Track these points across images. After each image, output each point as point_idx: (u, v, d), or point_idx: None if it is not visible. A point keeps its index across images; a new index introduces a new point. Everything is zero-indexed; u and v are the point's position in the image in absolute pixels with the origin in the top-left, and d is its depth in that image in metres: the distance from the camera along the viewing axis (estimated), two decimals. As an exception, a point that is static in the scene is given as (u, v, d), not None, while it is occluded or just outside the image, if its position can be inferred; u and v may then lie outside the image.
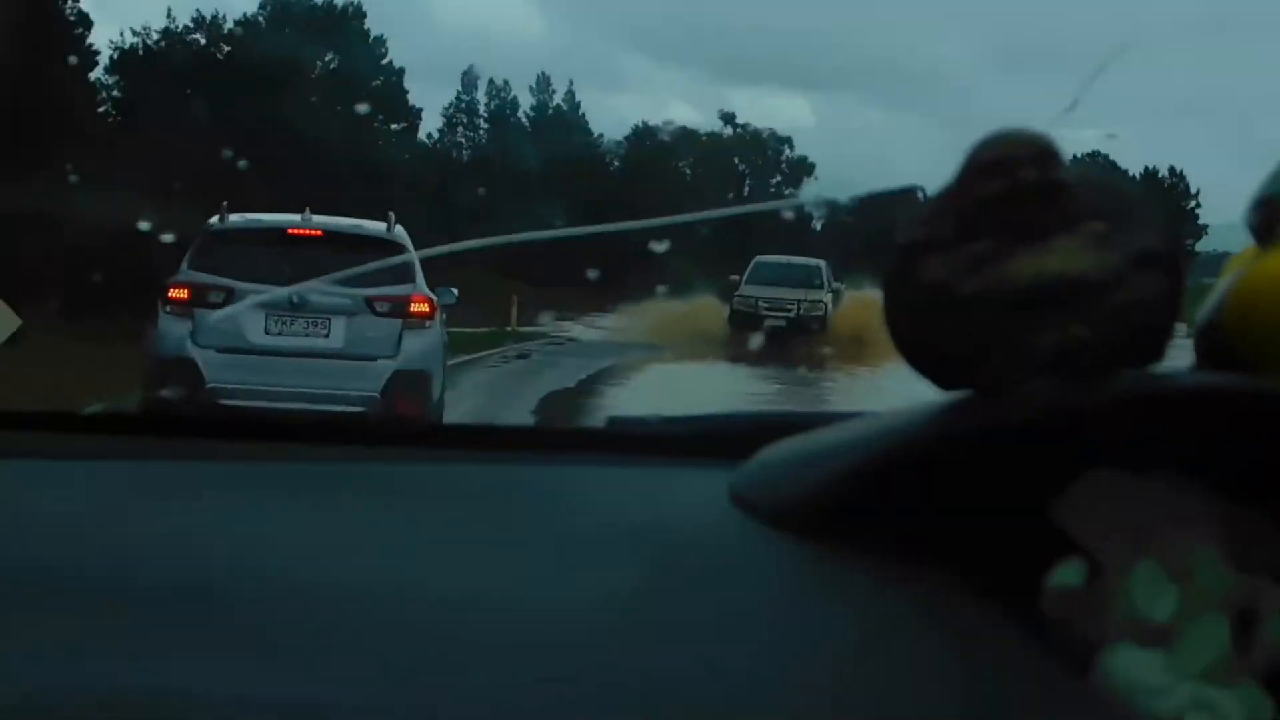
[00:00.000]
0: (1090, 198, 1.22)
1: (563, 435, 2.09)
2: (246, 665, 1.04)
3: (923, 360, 1.25)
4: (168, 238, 16.56)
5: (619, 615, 1.14)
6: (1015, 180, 1.21)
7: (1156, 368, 1.23)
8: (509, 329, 36.81)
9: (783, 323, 36.25)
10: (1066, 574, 1.20)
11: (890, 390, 1.23)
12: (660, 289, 36.30)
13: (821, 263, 40.09)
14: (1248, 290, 1.27)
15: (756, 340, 33.72)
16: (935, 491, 1.23)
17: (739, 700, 1.04)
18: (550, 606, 1.16)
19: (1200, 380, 1.27)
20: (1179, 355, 1.28)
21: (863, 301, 34.99)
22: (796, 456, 1.34)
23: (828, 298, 38.04)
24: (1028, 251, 1.20)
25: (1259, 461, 1.23)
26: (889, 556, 1.21)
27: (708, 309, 39.20)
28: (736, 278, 39.60)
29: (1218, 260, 1.34)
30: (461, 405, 19.40)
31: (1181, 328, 1.26)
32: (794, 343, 33.81)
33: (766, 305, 37.46)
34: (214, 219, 15.39)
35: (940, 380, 1.26)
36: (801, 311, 37.38)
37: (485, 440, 1.87)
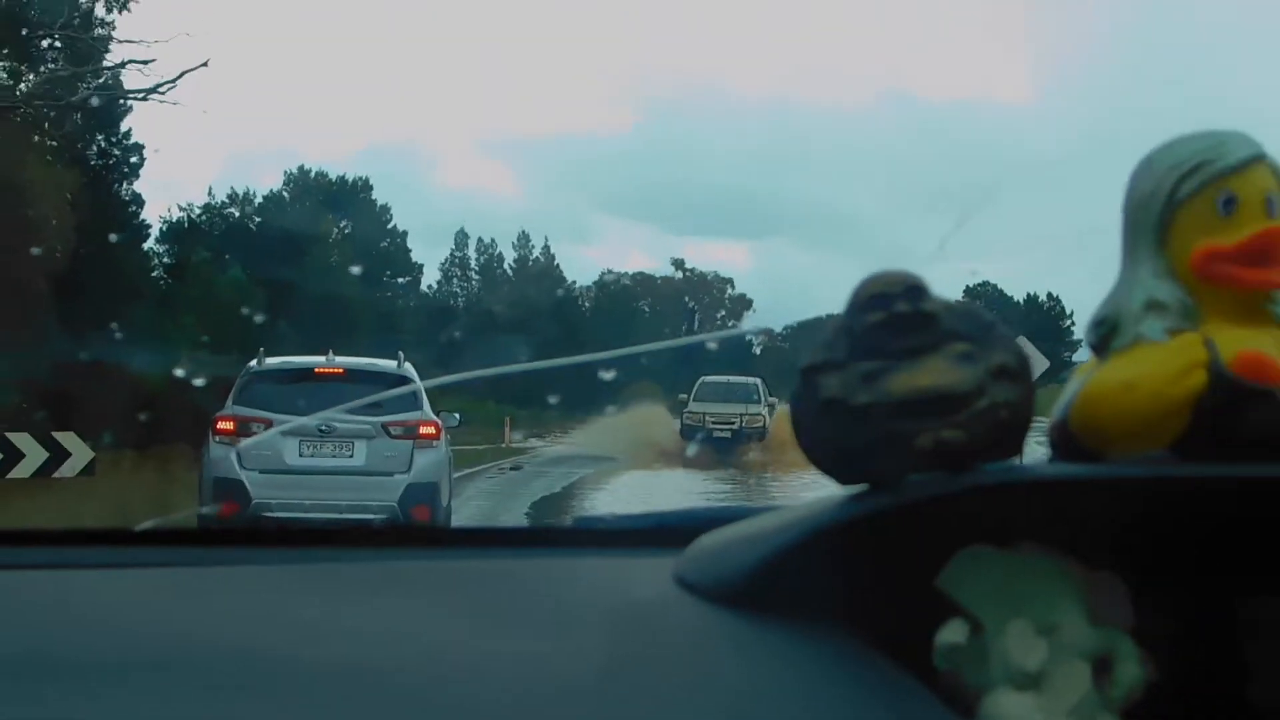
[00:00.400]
0: (953, 322, 1.23)
1: (540, 533, 2.07)
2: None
3: (824, 460, 1.26)
4: (199, 382, 16.58)
5: (586, 682, 1.14)
6: (891, 311, 1.23)
7: (1016, 460, 1.25)
8: (503, 445, 36.53)
9: (728, 434, 35.91)
10: (951, 633, 1.21)
11: (820, 485, 1.21)
12: (610, 408, 36.14)
13: (758, 381, 39.58)
14: (1087, 396, 1.29)
15: (707, 450, 33.17)
16: (842, 567, 1.24)
17: None
18: (532, 674, 1.16)
19: (1053, 469, 1.28)
20: (1035, 450, 1.30)
21: None
22: (726, 544, 1.34)
23: (765, 411, 37.37)
24: (905, 369, 1.21)
25: (1107, 534, 1.25)
26: (809, 623, 1.21)
27: (655, 417, 38.77)
28: (684, 396, 38.88)
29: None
30: (466, 509, 19.23)
31: (1039, 423, 1.30)
32: (738, 450, 33.64)
33: (713, 419, 36.88)
34: (253, 362, 15.57)
35: (839, 477, 1.26)
36: (744, 424, 36.90)
37: (477, 539, 1.89)
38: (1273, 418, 1.26)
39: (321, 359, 15.57)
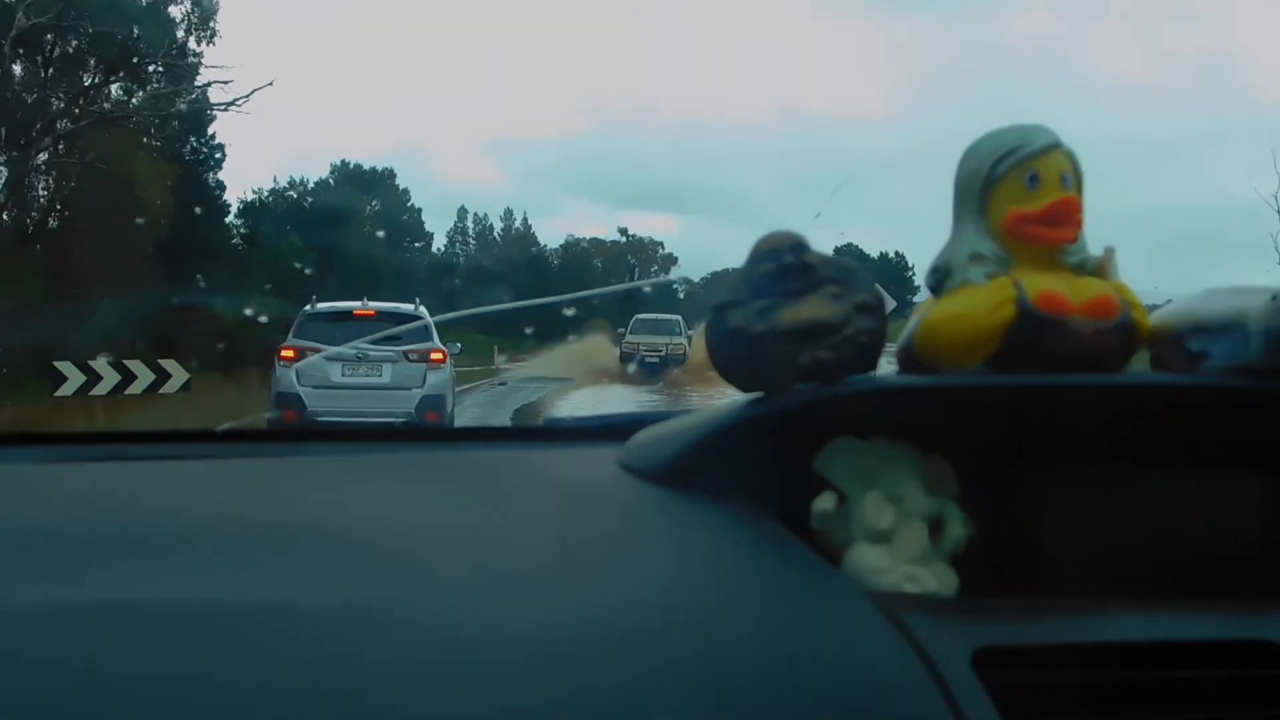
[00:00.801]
0: (827, 270, 1.22)
1: (515, 431, 2.06)
2: (337, 575, 1.04)
3: (731, 374, 1.25)
4: (265, 321, 16.81)
5: (544, 547, 1.12)
6: (780, 262, 1.22)
7: (873, 374, 1.25)
8: (493, 367, 36.53)
9: (656, 359, 34.72)
10: (823, 501, 1.21)
11: (727, 395, 1.22)
12: (570, 338, 34.25)
13: (679, 318, 38.75)
14: (925, 326, 1.29)
15: (638, 371, 33.14)
16: (746, 453, 1.23)
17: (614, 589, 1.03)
18: (500, 541, 1.14)
19: (900, 380, 1.28)
20: (886, 366, 1.30)
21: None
22: (659, 437, 1.33)
23: (685, 341, 36.14)
24: (791, 305, 1.20)
25: (939, 427, 1.24)
26: (720, 496, 1.21)
27: (601, 345, 37.13)
28: (622, 330, 38.45)
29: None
30: (466, 415, 19.28)
31: (890, 347, 1.29)
32: (663, 372, 33.03)
33: (645, 348, 35.64)
34: (307, 306, 15.85)
35: (743, 387, 1.26)
36: (669, 352, 35.38)
37: (467, 436, 1.87)
38: (1064, 341, 1.27)
39: (358, 303, 15.96)
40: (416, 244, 68.87)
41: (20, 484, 1.36)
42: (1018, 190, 1.29)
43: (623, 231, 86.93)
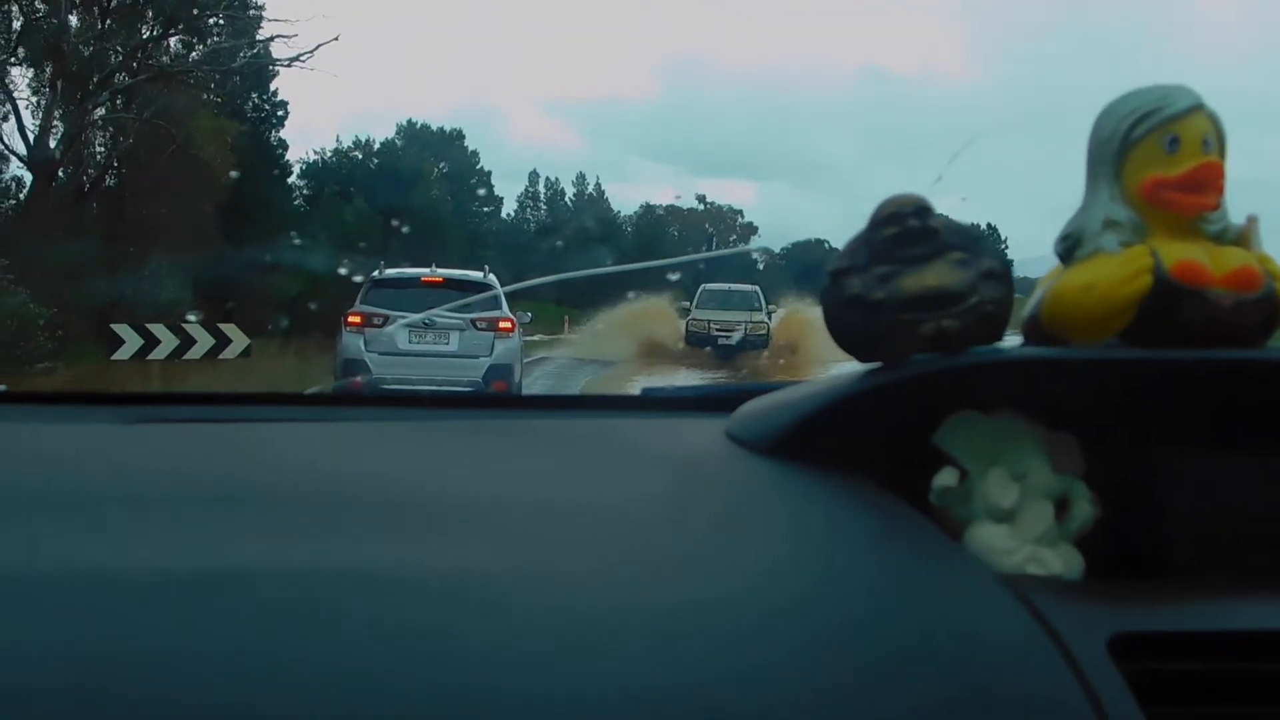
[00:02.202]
0: (952, 235, 1.22)
1: (609, 399, 2.03)
2: (440, 544, 1.05)
3: (849, 343, 1.25)
4: (343, 271, 17.13)
5: (649, 520, 1.13)
6: (904, 225, 1.22)
7: (997, 345, 1.24)
8: (563, 336, 36.41)
9: (732, 341, 29.94)
10: (944, 478, 1.21)
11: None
12: (622, 303, 30.94)
13: (757, 288, 32.75)
14: (1054, 295, 1.28)
15: (704, 353, 28.81)
16: (863, 426, 1.23)
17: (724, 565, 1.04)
18: (604, 512, 1.14)
19: (1027, 351, 1.28)
20: (1011, 339, 1.29)
21: (796, 318, 28.73)
22: (769, 407, 1.33)
23: (769, 319, 31.18)
24: (914, 272, 1.20)
25: (1067, 402, 1.24)
26: (837, 469, 1.21)
27: (659, 313, 31.92)
28: (687, 304, 32.28)
29: (1019, 282, 1.35)
30: (534, 387, 19.33)
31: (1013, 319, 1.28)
32: (740, 356, 28.60)
33: (717, 326, 30.31)
34: (375, 271, 16.23)
35: (860, 356, 1.26)
36: (748, 331, 30.23)
37: (568, 404, 1.87)
38: (1203, 313, 1.26)
39: (426, 270, 16.38)
40: (485, 208, 69.09)
41: (106, 443, 1.38)
42: (1156, 154, 1.28)
43: (700, 199, 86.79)
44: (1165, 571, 1.23)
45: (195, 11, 29.81)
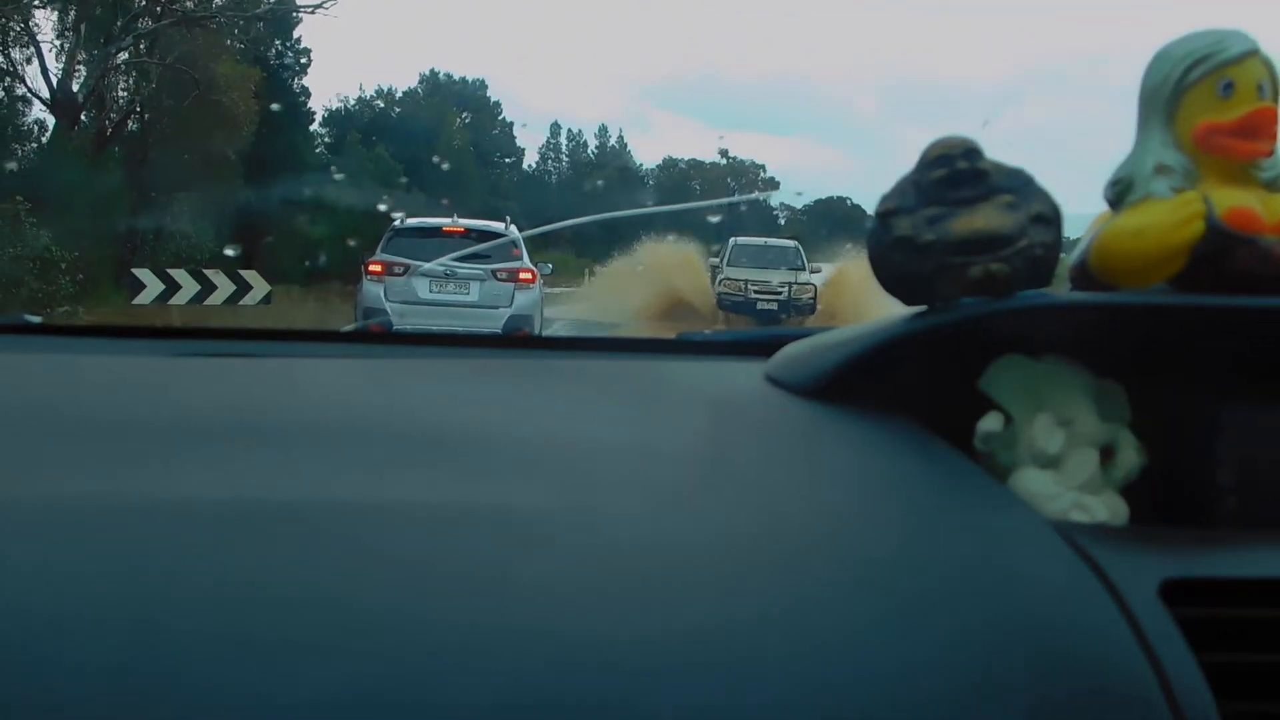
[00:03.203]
0: (1001, 178, 1.21)
1: (645, 341, 2.00)
2: (483, 480, 1.04)
3: (895, 285, 1.24)
4: (382, 207, 17.32)
5: (690, 457, 1.13)
6: (953, 167, 1.21)
7: (1047, 289, 1.23)
8: (567, 291, 36.27)
9: (774, 305, 25.91)
10: (989, 422, 1.20)
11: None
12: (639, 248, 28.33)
13: (797, 244, 28.63)
14: (1104, 240, 1.27)
15: (737, 318, 25.09)
16: (908, 369, 1.23)
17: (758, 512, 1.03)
18: (642, 444, 1.14)
19: (1075, 296, 1.26)
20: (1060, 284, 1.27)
21: (850, 277, 24.70)
22: (811, 349, 1.32)
23: (816, 279, 26.90)
24: (963, 214, 1.19)
25: (1115, 349, 1.23)
26: (882, 411, 1.21)
27: (684, 261, 28.25)
28: (715, 259, 28.29)
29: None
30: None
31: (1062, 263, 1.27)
32: (782, 324, 23.23)
33: (756, 288, 26.17)
34: (396, 220, 16.35)
35: (906, 299, 1.25)
36: (791, 294, 26.06)
37: (603, 345, 1.85)
38: (1255, 260, 1.25)
39: (448, 220, 16.60)
40: (508, 159, 69.03)
41: (143, 376, 1.38)
42: (1210, 99, 1.27)
43: (723, 153, 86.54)
44: (1214, 522, 1.22)
45: (220, -44, 29.75)
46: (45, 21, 28.81)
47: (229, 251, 21.62)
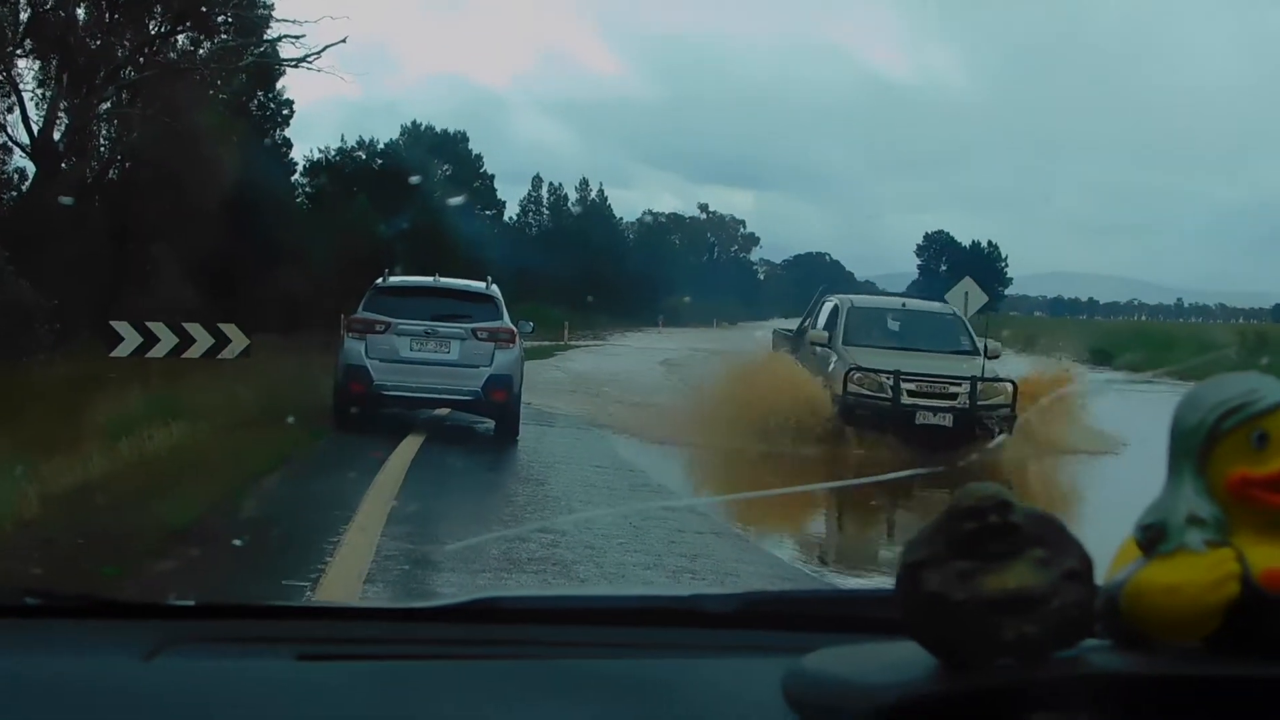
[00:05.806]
0: (1033, 530, 1.20)
1: (659, 613, 1.78)
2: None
3: (925, 638, 1.22)
4: (380, 282, 17.49)
5: None
6: (985, 521, 1.20)
7: (1079, 646, 1.23)
8: (563, 342, 36.51)
9: (947, 421, 16.51)
10: None
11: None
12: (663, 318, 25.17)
13: (954, 310, 19.16)
14: (1137, 591, 1.26)
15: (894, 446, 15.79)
16: None
17: None
18: None
19: (1107, 663, 1.25)
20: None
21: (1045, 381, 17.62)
22: (838, 686, 1.25)
23: (1008, 384, 17.12)
24: (995, 570, 1.18)
25: (1148, 709, 1.23)
26: None
27: (784, 368, 17.92)
28: (812, 328, 18.68)
29: (1017, 300, 1.31)
30: (541, 378, 19.34)
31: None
32: (959, 452, 15.23)
33: (915, 388, 16.69)
34: (380, 279, 16.65)
35: (936, 652, 1.23)
36: (977, 401, 16.61)
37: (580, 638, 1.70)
38: None
39: (430, 279, 16.79)
40: (489, 211, 69.07)
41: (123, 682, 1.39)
42: (1243, 449, 1.26)
43: (703, 208, 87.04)
44: None
45: (204, 8, 29.82)
46: (27, 70, 28.76)
47: (207, 305, 21.55)
